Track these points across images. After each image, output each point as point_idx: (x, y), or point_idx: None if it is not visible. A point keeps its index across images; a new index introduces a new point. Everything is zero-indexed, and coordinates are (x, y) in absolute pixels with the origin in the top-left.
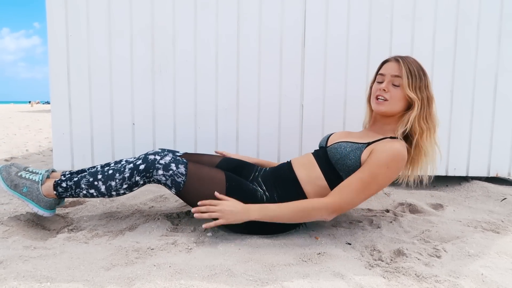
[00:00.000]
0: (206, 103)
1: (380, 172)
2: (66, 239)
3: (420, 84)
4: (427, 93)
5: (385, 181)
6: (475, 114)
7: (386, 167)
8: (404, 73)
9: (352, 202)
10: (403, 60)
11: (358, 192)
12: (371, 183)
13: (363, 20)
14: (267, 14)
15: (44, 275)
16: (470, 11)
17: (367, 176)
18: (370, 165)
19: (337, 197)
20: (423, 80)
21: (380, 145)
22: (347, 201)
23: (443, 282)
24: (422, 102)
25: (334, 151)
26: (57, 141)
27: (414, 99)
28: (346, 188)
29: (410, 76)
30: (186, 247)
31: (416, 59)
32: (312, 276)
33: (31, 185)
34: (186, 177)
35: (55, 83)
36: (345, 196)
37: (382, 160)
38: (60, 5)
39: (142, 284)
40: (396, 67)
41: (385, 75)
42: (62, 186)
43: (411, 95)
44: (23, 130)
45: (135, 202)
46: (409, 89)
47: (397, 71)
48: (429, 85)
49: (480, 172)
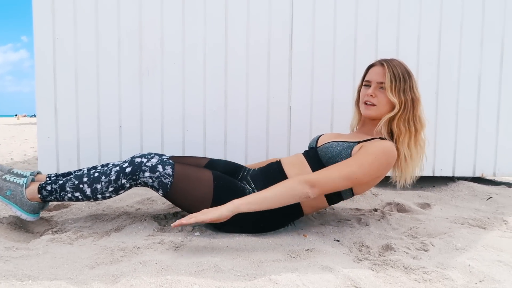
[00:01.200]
0: (194, 106)
1: (367, 159)
2: (49, 241)
3: (405, 86)
4: (412, 94)
5: (371, 170)
6: (460, 116)
7: (374, 156)
8: (388, 76)
9: (332, 179)
10: (388, 64)
11: (340, 172)
12: (355, 167)
13: (349, 24)
14: (255, 18)
15: (26, 274)
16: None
17: (353, 160)
18: (358, 153)
19: (319, 172)
20: (408, 82)
21: (370, 142)
22: (327, 176)
23: (431, 273)
24: (405, 105)
25: (326, 150)
26: (42, 145)
27: (395, 102)
28: (330, 167)
29: (393, 80)
30: (173, 245)
31: (401, 62)
32: (300, 270)
33: (15, 188)
34: (173, 178)
35: (41, 86)
36: (327, 173)
37: (370, 150)
38: (46, 7)
39: (127, 280)
40: (381, 72)
41: (371, 81)
42: (47, 189)
43: (392, 99)
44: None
45: (122, 204)
46: (391, 93)
47: (382, 77)
48: (414, 87)
49: (466, 172)
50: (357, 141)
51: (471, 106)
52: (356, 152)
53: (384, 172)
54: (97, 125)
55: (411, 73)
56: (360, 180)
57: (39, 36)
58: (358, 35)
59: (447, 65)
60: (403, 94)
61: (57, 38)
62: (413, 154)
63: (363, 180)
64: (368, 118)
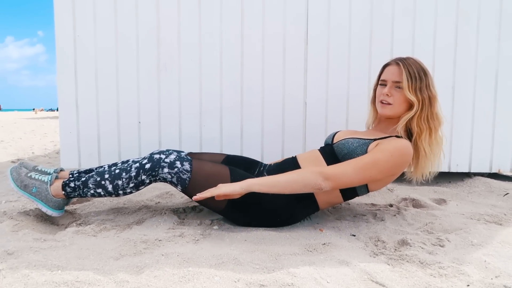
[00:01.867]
0: (211, 101)
1: (382, 157)
2: (75, 233)
3: (421, 85)
4: (428, 93)
5: (386, 167)
6: (477, 111)
7: (390, 155)
8: (404, 76)
9: (347, 175)
10: (403, 63)
11: (355, 168)
12: (370, 164)
13: (365, 18)
14: (270, 13)
15: (54, 264)
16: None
17: (368, 157)
18: (374, 150)
19: (334, 166)
20: (424, 80)
21: (386, 140)
22: (342, 171)
23: (447, 268)
24: (423, 103)
25: (342, 147)
26: (64, 140)
27: (414, 101)
28: (346, 162)
29: (410, 79)
30: (193, 238)
31: (417, 60)
32: (317, 264)
33: (40, 185)
34: (191, 174)
35: (62, 83)
36: (342, 168)
37: (386, 148)
38: (67, 6)
39: (151, 271)
40: (397, 71)
41: (387, 80)
42: (70, 186)
43: (410, 97)
44: (29, 135)
45: (142, 198)
46: (409, 91)
47: (398, 77)
48: (430, 84)
49: (482, 168)
50: (373, 139)
51: (488, 100)
52: (372, 149)
53: (399, 170)
54: (117, 120)
55: (427, 71)
56: (374, 178)
57: (61, 34)
58: (373, 29)
59: (464, 59)
60: (420, 92)
61: (78, 36)
62: (433, 150)
63: (377, 178)
64: (384, 117)
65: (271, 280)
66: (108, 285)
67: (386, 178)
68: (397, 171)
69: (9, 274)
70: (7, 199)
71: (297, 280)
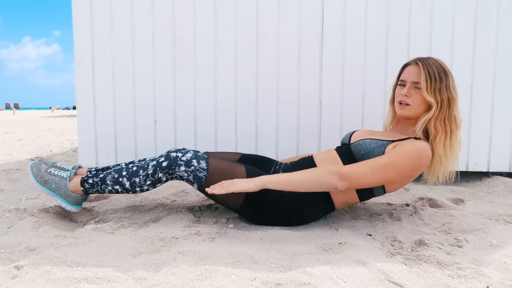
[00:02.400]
0: (226, 100)
1: (400, 158)
2: (93, 230)
3: (440, 85)
4: (448, 94)
5: (404, 169)
6: (496, 109)
7: (408, 157)
8: (423, 77)
9: (363, 175)
10: (423, 63)
11: (372, 169)
12: (388, 165)
13: (381, 16)
14: (286, 12)
15: (74, 261)
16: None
17: (386, 158)
18: (392, 152)
19: (351, 166)
20: (444, 81)
21: (404, 142)
22: (358, 172)
23: (465, 270)
24: (442, 104)
25: (359, 147)
26: (82, 139)
27: (432, 102)
28: (363, 163)
29: (429, 79)
30: (209, 236)
31: (438, 60)
32: (334, 263)
33: (60, 181)
34: (208, 172)
35: (80, 82)
36: (358, 168)
37: (404, 150)
38: (85, 7)
39: (168, 269)
40: (416, 72)
41: (406, 81)
42: (89, 182)
43: (428, 99)
44: (46, 133)
45: (158, 196)
46: (427, 93)
47: (417, 77)
48: (450, 85)
49: (501, 167)
50: (391, 140)
51: (507, 99)
52: (389, 150)
53: (417, 172)
54: (133, 119)
55: (448, 71)
56: (391, 179)
57: (78, 35)
58: (390, 27)
59: (482, 58)
60: (439, 93)
61: (95, 36)
62: (447, 154)
63: (394, 179)
64: (402, 117)
65: (288, 279)
66: (127, 281)
67: (403, 179)
68: (415, 173)
69: (31, 270)
70: (27, 196)
71: (314, 279)
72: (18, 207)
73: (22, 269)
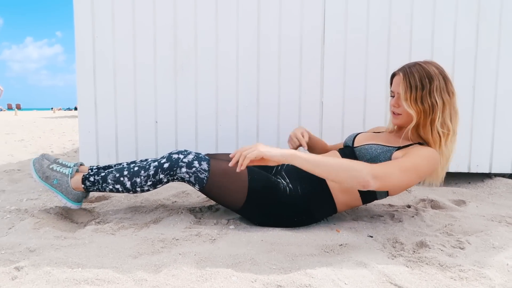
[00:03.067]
0: (227, 101)
1: (421, 162)
2: (94, 231)
3: (422, 94)
4: (433, 100)
5: (423, 172)
6: (498, 110)
7: (427, 160)
8: (402, 87)
9: (394, 176)
10: (405, 72)
11: (401, 171)
12: (412, 169)
13: (383, 17)
14: (287, 13)
15: (75, 262)
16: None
17: (409, 161)
18: (411, 155)
19: (383, 165)
20: (427, 88)
21: (414, 147)
22: (391, 172)
23: (468, 272)
24: (424, 113)
25: (365, 152)
26: (83, 139)
27: (411, 113)
28: (391, 163)
29: (409, 89)
30: (209, 238)
31: (425, 65)
32: (335, 265)
33: (61, 178)
34: (209, 173)
35: (82, 83)
36: (390, 168)
37: (421, 154)
38: (86, 8)
39: (169, 270)
40: (399, 82)
41: (394, 92)
42: (90, 180)
43: (407, 110)
44: (48, 134)
45: (159, 197)
46: (406, 103)
47: (399, 88)
48: (436, 91)
49: (503, 168)
50: (397, 147)
51: (510, 99)
52: (398, 157)
53: (429, 174)
54: (134, 120)
55: (434, 76)
56: (413, 182)
57: (80, 36)
58: (391, 28)
59: (485, 59)
60: (421, 102)
61: (97, 37)
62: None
63: (415, 182)
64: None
65: (288, 280)
66: (127, 283)
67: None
68: (425, 177)
69: (31, 271)
70: (28, 197)
71: (315, 281)
72: (19, 207)
73: (22, 270)
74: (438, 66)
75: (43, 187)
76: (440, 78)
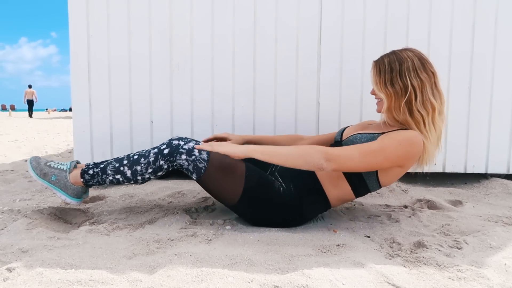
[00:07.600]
0: (223, 101)
1: (390, 144)
2: (88, 231)
3: (392, 76)
4: (405, 81)
5: (393, 156)
6: (494, 111)
7: (398, 143)
8: (372, 74)
9: (351, 157)
10: (376, 62)
11: (361, 153)
12: (377, 150)
13: (380, 16)
14: (284, 11)
15: (68, 263)
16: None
17: (376, 144)
18: (383, 139)
19: (340, 148)
20: (396, 70)
21: (394, 132)
22: (346, 154)
23: (465, 271)
24: (395, 94)
25: (350, 143)
26: (78, 139)
27: (381, 97)
28: (352, 146)
29: (378, 75)
30: (205, 238)
31: (398, 51)
32: (332, 265)
33: (59, 173)
34: (208, 164)
35: (76, 83)
36: (347, 151)
37: (394, 137)
38: (81, 7)
39: (164, 271)
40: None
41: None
42: (89, 173)
43: (379, 95)
44: (42, 134)
45: (154, 198)
46: (377, 88)
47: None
48: (406, 72)
49: (499, 169)
50: (381, 132)
51: (506, 100)
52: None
53: (408, 162)
54: (129, 120)
55: (404, 59)
56: (380, 165)
57: (74, 34)
58: (388, 27)
59: (481, 59)
60: (391, 85)
61: (91, 36)
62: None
63: (383, 166)
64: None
65: (285, 281)
66: (121, 284)
67: (394, 169)
68: (406, 163)
69: (23, 272)
70: (22, 197)
71: (312, 281)
72: (12, 208)
73: (14, 271)
74: (414, 50)
75: (41, 185)
76: (415, 59)
